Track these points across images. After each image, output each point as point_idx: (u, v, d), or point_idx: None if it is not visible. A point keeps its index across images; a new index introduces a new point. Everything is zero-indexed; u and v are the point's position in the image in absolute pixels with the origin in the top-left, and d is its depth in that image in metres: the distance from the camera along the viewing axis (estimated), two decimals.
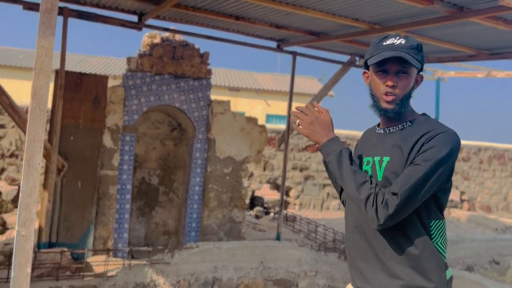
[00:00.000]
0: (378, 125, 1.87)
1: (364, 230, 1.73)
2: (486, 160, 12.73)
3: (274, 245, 6.02)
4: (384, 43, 1.72)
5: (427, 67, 9.18)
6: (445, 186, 1.70)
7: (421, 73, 1.78)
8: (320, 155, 10.07)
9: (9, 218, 6.93)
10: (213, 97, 6.52)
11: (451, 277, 1.72)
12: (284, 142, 7.05)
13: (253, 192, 10.06)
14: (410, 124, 1.74)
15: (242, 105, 19.08)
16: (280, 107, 18.93)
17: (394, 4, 4.37)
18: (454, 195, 12.59)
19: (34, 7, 5.13)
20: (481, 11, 4.03)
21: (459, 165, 12.43)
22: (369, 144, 1.83)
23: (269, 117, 19.33)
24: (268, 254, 5.88)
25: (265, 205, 9.77)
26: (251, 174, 10.10)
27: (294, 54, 6.88)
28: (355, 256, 1.79)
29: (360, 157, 1.84)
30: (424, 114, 1.80)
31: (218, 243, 5.79)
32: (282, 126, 10.40)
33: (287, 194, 10.48)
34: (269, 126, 10.55)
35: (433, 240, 1.67)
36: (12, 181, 7.45)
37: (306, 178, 10.53)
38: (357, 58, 7.35)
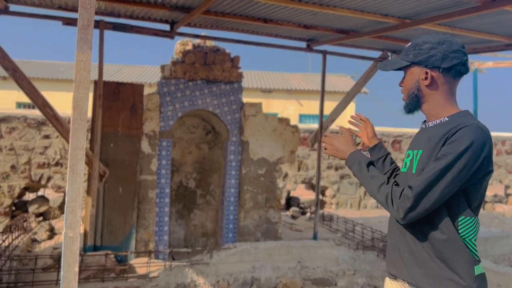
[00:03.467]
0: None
1: (404, 234, 1.80)
2: None
3: (311, 245, 6.04)
4: None
5: None
6: (478, 181, 1.67)
7: (430, 67, 1.75)
8: None
9: (56, 224, 7.28)
10: (245, 99, 6.62)
11: (483, 274, 1.70)
12: (317, 141, 7.05)
13: (289, 192, 10.08)
14: (447, 119, 1.77)
15: (275, 106, 19.14)
16: (313, 106, 18.86)
17: None
18: (498, 190, 12.12)
19: (72, 22, 5.40)
20: None
21: (502, 159, 11.97)
22: (414, 139, 1.94)
23: (302, 117, 19.29)
24: (305, 253, 5.90)
25: (301, 205, 9.77)
26: (286, 175, 10.13)
27: (324, 53, 6.87)
28: (390, 245, 1.88)
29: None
30: (466, 111, 1.80)
31: (255, 243, 5.86)
32: (315, 126, 10.38)
33: (323, 194, 10.44)
34: (302, 126, 10.54)
35: (461, 236, 1.68)
36: (58, 189, 7.83)
37: (342, 177, 10.45)
38: (389, 54, 7.25)
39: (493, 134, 11.77)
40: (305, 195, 10.43)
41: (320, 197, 9.92)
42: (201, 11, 4.88)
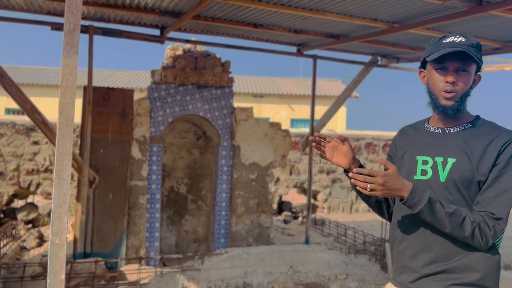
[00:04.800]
0: (428, 122, 1.86)
1: (422, 234, 1.73)
2: None
3: (303, 249, 6.02)
4: (444, 41, 1.72)
5: None
6: None
7: (478, 73, 1.77)
8: None
9: (46, 231, 7.18)
10: (236, 104, 6.61)
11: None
12: (309, 145, 7.05)
13: (281, 197, 10.07)
14: (471, 125, 1.74)
15: (266, 111, 19.17)
16: (304, 111, 18.91)
17: (412, 2, 4.35)
18: None
19: (61, 27, 5.35)
20: (501, 4, 3.95)
21: None
22: (421, 143, 1.80)
23: (294, 122, 19.33)
24: (298, 258, 5.88)
25: (293, 210, 9.77)
26: (278, 179, 10.13)
27: (315, 57, 6.89)
28: (400, 252, 1.79)
29: (408, 155, 1.82)
30: (478, 116, 1.80)
31: (247, 248, 5.84)
32: (306, 130, 10.39)
33: (315, 198, 10.44)
34: (293, 130, 10.55)
35: (496, 243, 1.70)
36: (48, 196, 7.74)
37: (334, 181, 10.47)
38: (379, 58, 7.30)
39: None
40: (297, 199, 10.42)
41: (312, 201, 9.93)
42: (191, 16, 4.88)
